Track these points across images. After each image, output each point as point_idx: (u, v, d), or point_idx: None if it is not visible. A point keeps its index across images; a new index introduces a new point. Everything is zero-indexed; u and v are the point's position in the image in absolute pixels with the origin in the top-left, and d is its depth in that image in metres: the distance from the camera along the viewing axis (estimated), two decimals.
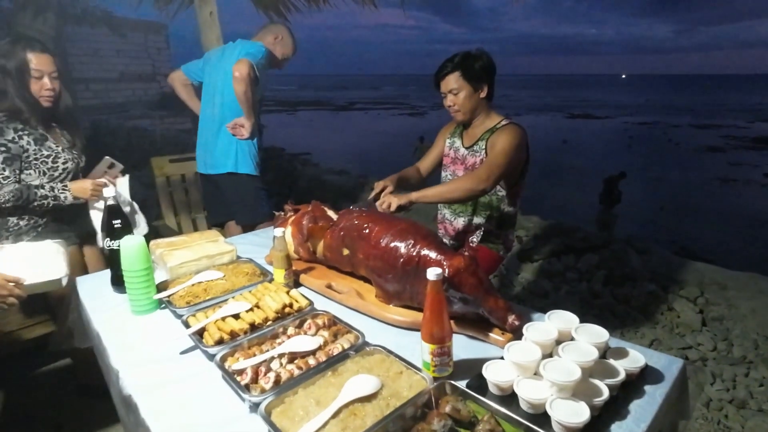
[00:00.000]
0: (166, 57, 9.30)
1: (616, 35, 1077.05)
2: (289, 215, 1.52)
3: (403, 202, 1.44)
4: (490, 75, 1.55)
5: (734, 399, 2.07)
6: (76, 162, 1.76)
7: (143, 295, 1.19)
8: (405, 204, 1.45)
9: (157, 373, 0.97)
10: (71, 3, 7.18)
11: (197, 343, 1.03)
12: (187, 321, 1.11)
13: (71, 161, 1.73)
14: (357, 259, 1.25)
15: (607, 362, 0.87)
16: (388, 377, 0.90)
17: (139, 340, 1.10)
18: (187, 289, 1.27)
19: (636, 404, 0.83)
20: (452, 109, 1.56)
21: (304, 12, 3.21)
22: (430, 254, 1.08)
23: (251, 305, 1.14)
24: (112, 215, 1.27)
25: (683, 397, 0.96)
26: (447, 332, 0.89)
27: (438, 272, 0.87)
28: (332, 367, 0.93)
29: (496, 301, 1.01)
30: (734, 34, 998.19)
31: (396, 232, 1.16)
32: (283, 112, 29.30)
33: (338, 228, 1.31)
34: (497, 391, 0.86)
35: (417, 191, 1.48)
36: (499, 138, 1.49)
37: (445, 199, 1.50)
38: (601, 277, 3.11)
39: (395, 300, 1.18)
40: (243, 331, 1.05)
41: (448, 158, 1.68)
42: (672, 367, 0.93)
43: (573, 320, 0.98)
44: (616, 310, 2.81)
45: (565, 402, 0.77)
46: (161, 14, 3.32)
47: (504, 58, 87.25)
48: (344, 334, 1.06)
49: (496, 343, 1.03)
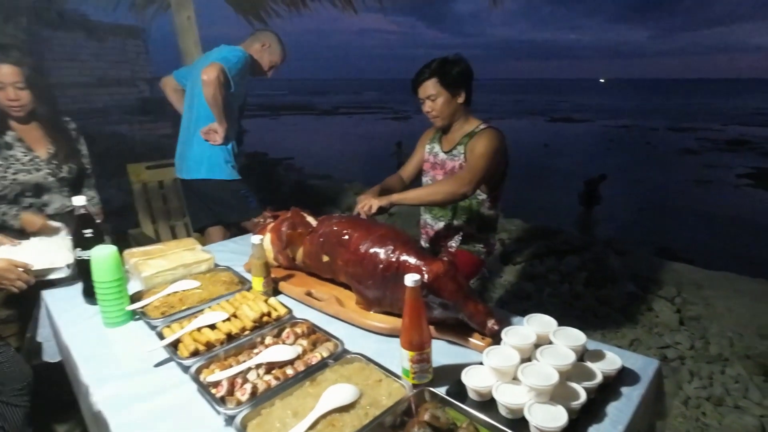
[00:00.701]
0: (145, 61, 9.15)
1: (594, 40, 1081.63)
2: (268, 222, 1.50)
3: (384, 204, 1.43)
4: (468, 80, 1.56)
5: (711, 396, 2.12)
6: (54, 174, 1.69)
7: (115, 307, 1.16)
8: (385, 205, 1.44)
9: (129, 387, 0.94)
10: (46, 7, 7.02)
11: (172, 354, 1.00)
12: (161, 332, 1.09)
13: (45, 173, 1.66)
14: (337, 266, 1.24)
15: (585, 365, 0.88)
16: (367, 385, 0.89)
17: (111, 353, 1.07)
18: (162, 299, 1.23)
19: (613, 406, 0.84)
20: (431, 115, 1.56)
21: (284, 17, 3.19)
22: (409, 260, 1.08)
23: (228, 315, 1.11)
24: (83, 224, 1.23)
25: (660, 398, 0.98)
26: (426, 339, 0.88)
27: (416, 278, 0.87)
28: (311, 377, 0.91)
29: (476, 306, 1.01)
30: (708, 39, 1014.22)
31: (375, 238, 1.16)
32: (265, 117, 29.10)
33: (317, 234, 1.30)
34: (476, 396, 0.86)
35: (398, 193, 1.48)
36: (478, 142, 1.50)
37: (425, 201, 1.50)
38: (583, 278, 3.15)
39: (375, 306, 1.17)
40: (219, 341, 1.03)
41: (428, 164, 1.69)
42: (648, 368, 0.94)
43: (551, 323, 0.98)
44: (598, 311, 2.85)
45: (543, 406, 0.77)
46: (138, 18, 3.26)
47: (486, 63, 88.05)
48: (323, 342, 1.04)
49: (476, 348, 1.02)
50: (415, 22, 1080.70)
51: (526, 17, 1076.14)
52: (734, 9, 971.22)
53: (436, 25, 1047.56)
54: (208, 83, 1.88)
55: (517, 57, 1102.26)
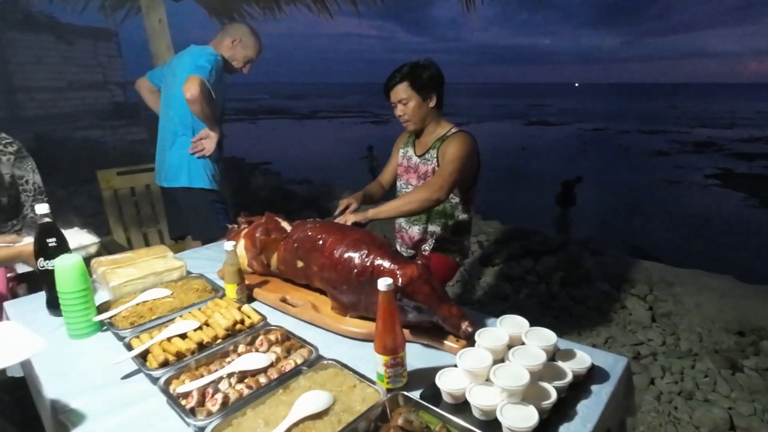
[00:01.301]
0: (117, 65, 8.94)
1: (568, 46, 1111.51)
2: (242, 228, 1.47)
3: (359, 219, 1.44)
4: (439, 84, 1.57)
5: (682, 391, 2.18)
6: None
7: (81, 318, 1.12)
8: (362, 221, 1.45)
9: (95, 401, 0.90)
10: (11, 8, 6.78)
11: (140, 366, 0.97)
12: (129, 343, 1.05)
13: None
14: (311, 271, 1.23)
15: (556, 364, 0.89)
16: (341, 392, 0.88)
17: (77, 366, 1.03)
18: (130, 309, 1.20)
19: (583, 404, 0.85)
20: (402, 119, 1.58)
21: (259, 20, 3.17)
22: (383, 264, 1.08)
23: (200, 323, 1.09)
24: (46, 234, 1.19)
25: (629, 394, 1.00)
26: (400, 343, 0.88)
27: (389, 283, 0.86)
28: (284, 385, 0.90)
29: (450, 309, 1.01)
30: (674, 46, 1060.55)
31: (350, 242, 1.15)
32: (243, 121, 28.76)
33: (292, 240, 1.29)
34: (451, 399, 0.86)
35: (374, 208, 1.48)
36: (449, 147, 1.52)
37: (402, 212, 1.50)
38: (559, 278, 3.21)
39: (351, 311, 1.17)
40: (190, 351, 1.00)
41: (402, 167, 1.70)
42: (617, 366, 0.96)
43: (524, 324, 1.00)
44: (573, 311, 2.91)
45: (515, 407, 0.78)
46: (108, 21, 3.17)
47: (463, 68, 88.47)
48: (298, 349, 1.03)
49: (450, 351, 1.03)
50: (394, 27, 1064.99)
51: (503, 23, 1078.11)
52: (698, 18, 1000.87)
53: (414, 30, 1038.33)
54: (193, 101, 1.84)
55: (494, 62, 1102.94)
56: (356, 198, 1.61)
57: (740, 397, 2.11)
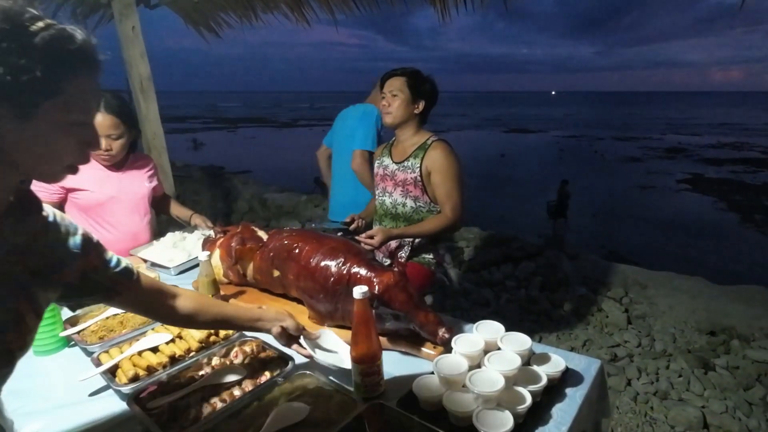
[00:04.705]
0: None
1: (544, 55, 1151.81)
2: (218, 237, 1.45)
3: (383, 238, 1.45)
4: (431, 97, 1.62)
5: (658, 391, 2.22)
6: None
7: (46, 333, 1.07)
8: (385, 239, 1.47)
9: (60, 420, 0.87)
10: None
11: (108, 382, 0.94)
12: (98, 358, 1.02)
13: None
14: (288, 280, 1.22)
15: (531, 369, 0.90)
16: (317, 402, 0.87)
17: (40, 384, 0.99)
18: (100, 323, 1.16)
19: (558, 407, 0.86)
20: (385, 110, 1.59)
21: (236, 28, 3.14)
22: (360, 272, 1.07)
23: (172, 336, 1.07)
24: None
25: (603, 396, 1.01)
26: (376, 351, 0.88)
27: (364, 290, 0.86)
28: (259, 397, 0.88)
29: (426, 316, 1.01)
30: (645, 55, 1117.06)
31: (326, 251, 1.15)
32: (222, 130, 28.43)
33: (268, 249, 1.27)
34: (427, 406, 0.86)
35: (397, 228, 1.55)
36: (437, 164, 1.53)
37: (423, 233, 1.56)
38: (538, 283, 3.25)
39: (328, 320, 1.16)
40: (161, 365, 0.98)
41: (378, 176, 1.70)
42: (591, 368, 0.97)
43: (499, 329, 1.00)
44: (552, 315, 2.94)
45: (491, 412, 0.78)
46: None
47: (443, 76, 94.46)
48: (274, 360, 1.02)
49: (428, 358, 1.03)
50: (373, 36, 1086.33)
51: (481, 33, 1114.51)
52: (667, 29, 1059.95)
53: (394, 38, 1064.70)
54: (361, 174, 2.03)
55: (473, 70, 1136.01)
56: (368, 214, 1.71)
57: (713, 395, 2.16)
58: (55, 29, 0.52)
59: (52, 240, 0.65)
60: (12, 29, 0.49)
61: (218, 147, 19.39)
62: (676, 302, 2.91)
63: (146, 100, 2.58)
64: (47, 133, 0.54)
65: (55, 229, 0.66)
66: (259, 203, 5.85)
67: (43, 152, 0.55)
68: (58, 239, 0.66)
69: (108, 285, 0.73)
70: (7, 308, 0.59)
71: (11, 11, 0.49)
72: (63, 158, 0.57)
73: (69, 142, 0.56)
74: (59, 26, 0.53)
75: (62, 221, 0.68)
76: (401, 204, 1.62)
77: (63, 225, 0.67)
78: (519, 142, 23.48)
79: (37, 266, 0.62)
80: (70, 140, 0.56)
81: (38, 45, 0.50)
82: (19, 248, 0.60)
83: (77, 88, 0.54)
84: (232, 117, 38.88)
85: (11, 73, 0.49)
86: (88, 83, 0.56)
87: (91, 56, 0.56)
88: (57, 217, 0.67)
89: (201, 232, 1.70)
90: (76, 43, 0.53)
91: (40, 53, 0.50)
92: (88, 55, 0.55)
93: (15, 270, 0.60)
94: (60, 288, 0.67)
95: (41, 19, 0.51)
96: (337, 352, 1.01)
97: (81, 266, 0.69)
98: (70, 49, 0.53)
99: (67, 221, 0.69)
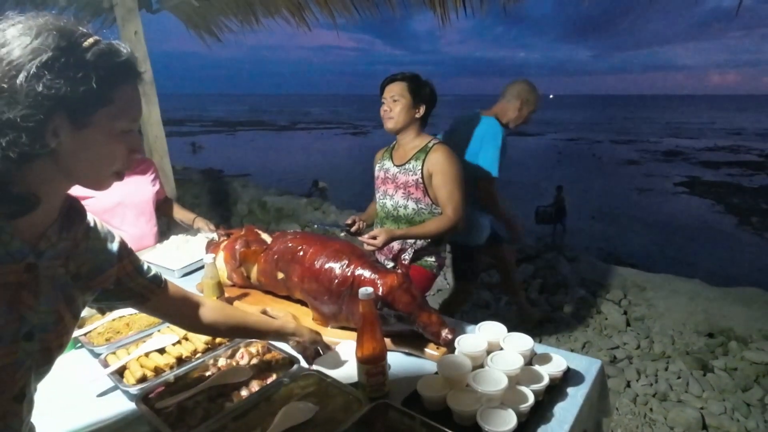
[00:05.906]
0: None
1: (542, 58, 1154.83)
2: (221, 240, 1.47)
3: (386, 238, 1.47)
4: (430, 101, 1.64)
5: (657, 392, 2.24)
6: None
7: None
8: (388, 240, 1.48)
9: (69, 421, 0.88)
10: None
11: (116, 382, 0.95)
12: (105, 360, 1.03)
13: None
14: (292, 283, 1.23)
15: (533, 368, 0.92)
16: (323, 402, 0.88)
17: (49, 386, 1.00)
18: (106, 324, 1.18)
19: (560, 406, 0.88)
20: (386, 115, 1.60)
21: (237, 32, 3.16)
22: (364, 274, 1.09)
23: (179, 337, 1.08)
24: None
25: (604, 396, 1.03)
26: (381, 352, 0.89)
27: (369, 291, 0.88)
28: (265, 397, 0.89)
29: (430, 317, 1.03)
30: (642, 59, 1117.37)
31: (330, 253, 1.16)
32: (222, 133, 28.46)
33: (272, 251, 1.29)
34: (432, 406, 0.87)
35: (399, 229, 1.55)
36: (439, 166, 1.55)
37: (426, 234, 1.58)
38: (537, 285, 3.27)
39: (332, 322, 1.17)
40: (168, 366, 0.99)
41: (379, 180, 1.72)
42: (591, 368, 0.99)
43: (501, 330, 1.02)
44: (552, 317, 2.96)
45: (494, 411, 0.80)
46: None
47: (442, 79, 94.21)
48: (279, 361, 1.03)
49: (431, 358, 1.04)
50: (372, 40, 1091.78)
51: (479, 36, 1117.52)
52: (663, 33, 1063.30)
53: (393, 42, 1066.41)
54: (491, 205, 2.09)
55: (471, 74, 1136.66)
56: (361, 218, 1.71)
57: (711, 396, 2.18)
58: (103, 44, 0.56)
59: (93, 246, 0.69)
60: (68, 46, 0.53)
61: (217, 150, 19.40)
62: (674, 304, 2.92)
63: (148, 103, 2.60)
64: (100, 140, 0.57)
65: (95, 236, 0.70)
66: (258, 206, 5.86)
67: (95, 159, 0.58)
68: (97, 245, 0.70)
69: (139, 291, 0.77)
70: (49, 309, 0.62)
71: (65, 29, 0.54)
72: (112, 164, 0.60)
73: (118, 148, 0.59)
74: (106, 41, 0.57)
75: (102, 228, 0.72)
76: (403, 206, 1.64)
77: (102, 232, 0.71)
78: (517, 145, 23.51)
79: (78, 270, 0.66)
80: (119, 147, 0.59)
81: (91, 59, 0.54)
82: (64, 253, 0.63)
83: (124, 97, 0.58)
84: (232, 120, 38.93)
85: (71, 85, 0.52)
86: (133, 92, 0.60)
87: (134, 67, 0.60)
88: (97, 224, 0.71)
89: (204, 235, 1.72)
90: (122, 56, 0.58)
91: (94, 66, 0.54)
92: (132, 67, 0.59)
93: (58, 273, 0.63)
94: (96, 292, 0.71)
95: (90, 36, 0.56)
96: None
97: (116, 272, 0.73)
98: (118, 61, 0.57)
99: (106, 228, 0.73)
